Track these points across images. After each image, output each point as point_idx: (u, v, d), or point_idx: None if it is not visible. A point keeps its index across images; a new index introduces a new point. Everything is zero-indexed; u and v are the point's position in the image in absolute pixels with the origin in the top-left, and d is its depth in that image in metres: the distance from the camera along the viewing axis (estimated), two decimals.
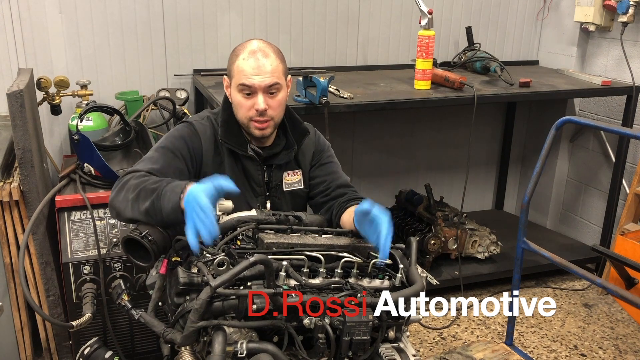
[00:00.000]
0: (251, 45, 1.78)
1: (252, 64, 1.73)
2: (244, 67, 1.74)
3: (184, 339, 1.30)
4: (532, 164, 3.80)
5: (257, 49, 1.76)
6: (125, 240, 1.47)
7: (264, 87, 1.75)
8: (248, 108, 1.77)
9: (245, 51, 1.76)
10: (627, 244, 2.92)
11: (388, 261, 1.53)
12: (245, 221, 1.55)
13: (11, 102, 2.04)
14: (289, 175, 1.94)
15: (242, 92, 1.76)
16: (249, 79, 1.73)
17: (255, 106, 1.75)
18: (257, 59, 1.74)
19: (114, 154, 2.54)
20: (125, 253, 1.49)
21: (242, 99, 1.77)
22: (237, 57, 1.77)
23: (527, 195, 2.33)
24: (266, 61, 1.74)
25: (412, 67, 2.99)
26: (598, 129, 3.15)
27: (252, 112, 1.77)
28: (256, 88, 1.74)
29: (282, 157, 1.90)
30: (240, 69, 1.75)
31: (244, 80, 1.74)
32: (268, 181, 1.90)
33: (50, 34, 2.77)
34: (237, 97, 1.78)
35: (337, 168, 2.01)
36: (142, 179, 1.60)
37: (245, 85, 1.74)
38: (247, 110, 1.78)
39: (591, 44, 3.52)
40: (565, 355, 2.72)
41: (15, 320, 2.34)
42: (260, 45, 1.78)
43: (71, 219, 2.27)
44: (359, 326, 1.37)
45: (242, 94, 1.76)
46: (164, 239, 1.46)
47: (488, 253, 3.24)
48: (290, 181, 1.94)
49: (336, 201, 1.90)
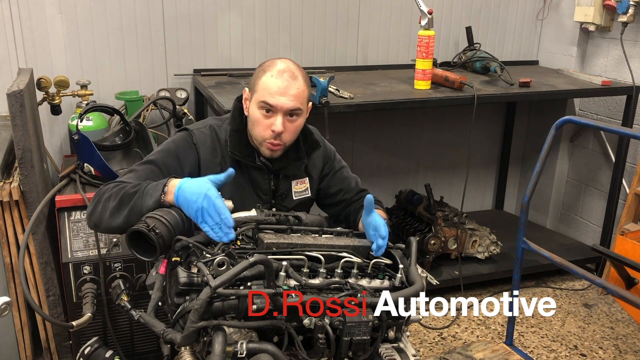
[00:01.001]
0: (281, 64, 1.74)
1: (279, 84, 1.70)
2: (269, 84, 1.71)
3: (184, 339, 1.30)
4: (532, 164, 3.80)
5: (287, 69, 1.72)
6: (131, 232, 1.45)
7: (285, 110, 1.72)
8: (265, 127, 1.74)
9: (275, 69, 1.72)
10: (627, 244, 2.92)
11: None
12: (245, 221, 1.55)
13: (11, 102, 2.04)
14: (297, 184, 1.93)
15: (262, 109, 1.73)
16: (273, 98, 1.70)
17: (273, 127, 1.72)
18: (285, 79, 1.71)
19: (114, 154, 2.54)
20: (128, 246, 1.47)
21: (261, 116, 1.73)
22: (265, 73, 1.73)
23: (527, 195, 2.33)
24: (293, 84, 1.71)
25: (412, 67, 2.99)
26: (598, 129, 3.15)
27: (268, 133, 1.74)
28: (278, 109, 1.71)
29: (291, 169, 1.89)
30: (265, 86, 1.71)
31: (268, 98, 1.70)
32: (275, 189, 1.89)
33: (50, 34, 2.77)
34: (256, 114, 1.74)
35: (348, 172, 2.05)
36: (119, 187, 1.62)
37: (268, 104, 1.71)
38: (263, 130, 1.75)
39: (591, 44, 3.52)
40: (565, 355, 2.72)
41: (15, 320, 2.34)
42: (291, 67, 1.74)
43: (71, 219, 2.27)
44: (359, 326, 1.37)
45: (262, 111, 1.73)
46: (170, 235, 1.45)
47: (488, 253, 3.24)
48: (299, 189, 1.93)
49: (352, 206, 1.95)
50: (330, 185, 2.00)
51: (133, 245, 1.46)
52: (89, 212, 1.65)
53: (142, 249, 1.47)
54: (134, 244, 1.46)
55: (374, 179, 3.65)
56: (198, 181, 1.54)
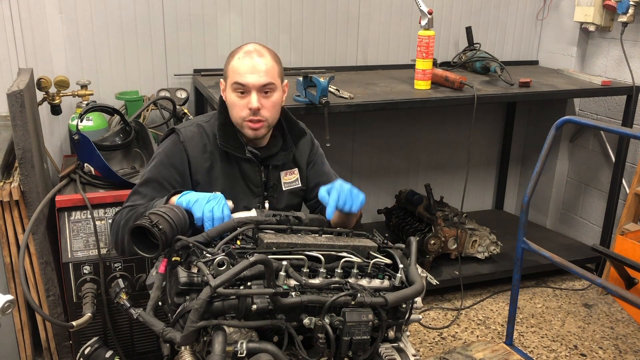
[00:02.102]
0: (247, 46, 1.80)
1: (247, 63, 1.75)
2: (238, 66, 1.76)
3: (184, 338, 1.30)
4: (532, 164, 3.81)
5: (253, 49, 1.78)
6: (133, 228, 1.45)
7: (258, 87, 1.75)
8: (242, 107, 1.77)
9: (241, 51, 1.78)
10: (627, 244, 2.92)
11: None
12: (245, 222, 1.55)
13: (11, 102, 2.04)
14: (286, 175, 1.95)
15: (236, 91, 1.77)
16: (243, 77, 1.74)
17: (249, 105, 1.76)
18: (252, 58, 1.76)
19: (114, 154, 2.54)
20: (130, 242, 1.47)
21: (236, 98, 1.78)
22: (233, 57, 1.79)
23: (527, 195, 2.33)
24: (261, 60, 1.76)
25: (412, 67, 2.99)
26: (598, 129, 3.15)
27: (245, 112, 1.77)
28: (250, 87, 1.75)
29: (280, 158, 1.91)
30: (234, 69, 1.76)
31: (238, 78, 1.75)
32: (266, 181, 1.90)
33: (50, 34, 2.77)
34: (232, 97, 1.79)
35: (328, 167, 2.07)
36: (132, 211, 1.70)
37: (239, 84, 1.75)
38: (240, 110, 1.78)
39: (591, 44, 3.53)
40: (565, 355, 2.72)
41: (15, 320, 2.34)
42: (256, 47, 1.80)
43: (71, 219, 2.27)
44: (359, 326, 1.37)
45: (236, 93, 1.77)
46: (173, 232, 1.45)
47: (488, 253, 3.24)
48: (289, 180, 1.96)
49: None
50: (309, 178, 2.02)
51: (135, 242, 1.46)
52: (113, 243, 1.75)
53: (144, 245, 1.47)
54: (136, 240, 1.46)
55: (374, 179, 3.65)
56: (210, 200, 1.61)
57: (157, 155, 1.84)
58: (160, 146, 1.87)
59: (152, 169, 1.81)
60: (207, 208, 1.55)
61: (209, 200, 1.57)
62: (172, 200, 1.63)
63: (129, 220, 1.68)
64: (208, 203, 1.57)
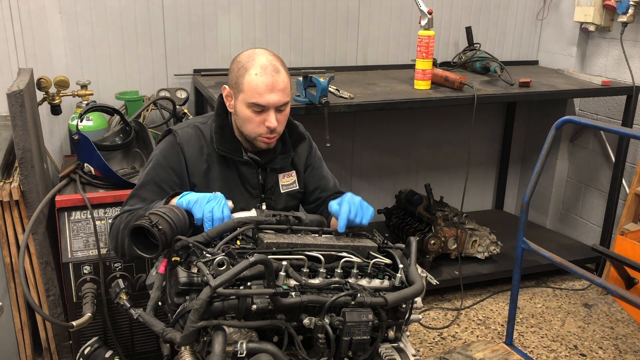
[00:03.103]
0: (261, 58, 1.73)
1: (266, 82, 1.70)
2: (257, 84, 1.70)
3: (184, 338, 1.30)
4: (532, 164, 3.81)
5: (268, 63, 1.72)
6: (133, 228, 1.45)
7: (277, 106, 1.74)
8: (258, 124, 1.75)
9: (256, 65, 1.72)
10: (627, 244, 2.92)
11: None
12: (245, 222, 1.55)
13: (11, 102, 2.04)
14: (284, 177, 1.95)
15: (251, 107, 1.73)
16: (263, 98, 1.71)
17: (267, 123, 1.74)
18: (271, 75, 1.71)
19: (114, 154, 2.54)
20: (130, 243, 1.47)
21: (252, 114, 1.74)
22: (247, 71, 1.72)
23: (527, 195, 2.33)
24: (278, 78, 1.72)
25: (412, 67, 2.99)
26: (598, 129, 3.15)
27: (262, 129, 1.76)
28: (270, 107, 1.73)
29: (278, 162, 1.91)
30: (253, 87, 1.71)
31: (258, 99, 1.71)
32: (263, 183, 1.90)
33: (50, 34, 2.77)
34: (246, 113, 1.75)
35: (327, 171, 2.07)
36: (131, 215, 1.70)
37: (259, 105, 1.72)
38: (257, 127, 1.76)
39: (591, 44, 3.53)
40: (565, 355, 2.72)
41: (15, 320, 2.34)
42: (270, 59, 1.74)
43: (71, 219, 2.27)
44: (359, 326, 1.37)
45: (252, 109, 1.74)
46: (172, 232, 1.45)
47: (488, 253, 3.24)
48: (286, 183, 1.95)
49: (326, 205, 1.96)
50: (308, 182, 2.01)
51: (135, 242, 1.46)
52: (113, 247, 1.74)
53: (143, 245, 1.47)
54: (136, 240, 1.46)
55: (374, 179, 3.65)
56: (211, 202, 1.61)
57: (154, 157, 1.83)
58: (157, 148, 1.86)
59: (150, 171, 1.80)
60: (207, 208, 1.55)
61: (209, 200, 1.57)
62: (171, 202, 1.63)
63: (129, 223, 1.67)
64: (208, 203, 1.56)
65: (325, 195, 2.02)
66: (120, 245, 1.71)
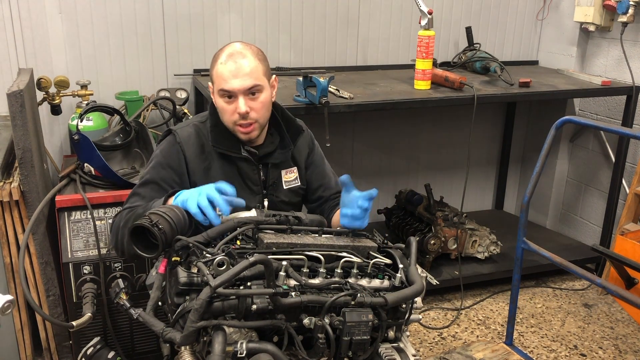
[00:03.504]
0: (229, 48, 1.78)
1: (230, 68, 1.73)
2: (222, 71, 1.74)
3: (184, 338, 1.30)
4: (532, 164, 3.81)
5: (234, 51, 1.76)
6: (133, 228, 1.44)
7: (243, 90, 1.74)
8: (231, 112, 1.77)
9: (223, 55, 1.76)
10: (627, 244, 2.92)
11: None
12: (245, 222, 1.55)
13: (11, 102, 2.04)
14: (287, 174, 1.95)
15: (223, 97, 1.77)
16: (228, 83, 1.73)
17: (237, 110, 1.75)
18: (235, 61, 1.74)
19: (114, 154, 2.54)
20: (130, 242, 1.47)
21: (225, 104, 1.77)
22: (216, 61, 1.77)
23: (527, 195, 2.33)
24: (243, 62, 1.74)
25: (412, 67, 2.99)
26: (598, 129, 3.15)
27: (235, 117, 1.77)
28: (236, 92, 1.74)
29: (278, 156, 1.91)
30: (219, 74, 1.75)
31: (223, 85, 1.74)
32: (265, 179, 1.90)
33: (50, 34, 2.77)
34: (220, 103, 1.78)
35: (329, 168, 2.07)
36: (131, 212, 1.70)
37: (225, 91, 1.74)
38: (230, 115, 1.78)
39: (591, 44, 3.53)
40: (565, 355, 2.72)
41: (15, 320, 2.34)
42: (238, 48, 1.77)
43: (71, 219, 2.28)
44: (359, 326, 1.37)
45: (224, 99, 1.77)
46: (173, 232, 1.45)
47: (488, 253, 3.24)
48: (289, 179, 1.96)
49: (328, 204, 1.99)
50: (311, 180, 2.02)
51: (135, 242, 1.46)
52: (113, 244, 1.75)
53: (143, 245, 1.47)
54: (136, 240, 1.46)
55: (374, 179, 3.65)
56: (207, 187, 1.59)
57: (155, 157, 1.85)
58: (158, 148, 1.87)
59: (150, 170, 1.81)
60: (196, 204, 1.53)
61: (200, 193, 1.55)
62: (169, 201, 1.63)
63: (128, 221, 1.68)
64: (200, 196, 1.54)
65: (328, 194, 2.02)
66: (120, 243, 1.71)
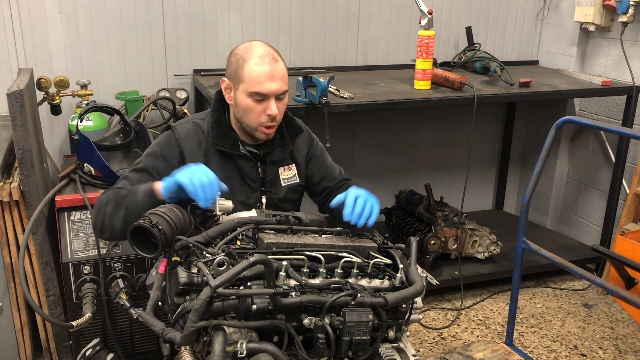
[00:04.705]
0: (257, 49, 1.77)
1: (265, 70, 1.73)
2: (258, 73, 1.73)
3: (184, 338, 1.30)
4: (532, 164, 3.81)
5: (267, 53, 1.76)
6: (133, 228, 1.45)
7: (278, 94, 1.76)
8: (259, 113, 1.77)
9: (255, 55, 1.75)
10: (627, 244, 2.92)
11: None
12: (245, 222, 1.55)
13: (11, 102, 2.04)
14: (284, 171, 1.96)
15: (252, 97, 1.75)
16: (264, 86, 1.73)
17: (268, 111, 1.76)
18: (269, 64, 1.74)
19: (114, 154, 2.54)
20: (130, 243, 1.47)
21: (253, 103, 1.76)
22: (246, 61, 1.75)
23: (527, 195, 2.33)
24: (277, 66, 1.75)
25: (412, 67, 2.99)
26: (598, 129, 3.15)
27: (263, 118, 1.78)
28: (270, 95, 1.75)
29: (276, 154, 1.92)
30: (253, 76, 1.73)
31: (258, 88, 1.73)
32: (263, 177, 1.91)
33: (50, 34, 2.77)
34: (247, 102, 1.76)
35: (330, 160, 2.08)
36: (115, 192, 1.71)
37: (259, 93, 1.74)
38: (258, 116, 1.78)
39: (591, 44, 3.52)
40: (565, 355, 2.72)
41: (15, 320, 2.34)
42: (267, 49, 1.78)
43: (71, 219, 2.28)
44: (359, 326, 1.37)
45: (252, 98, 1.76)
46: (172, 232, 1.46)
47: (488, 253, 3.24)
48: (287, 176, 1.96)
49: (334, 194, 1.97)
50: (313, 173, 2.03)
51: (135, 242, 1.46)
52: (93, 222, 1.73)
53: (144, 245, 1.47)
54: (136, 240, 1.46)
55: (374, 179, 3.65)
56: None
57: (152, 147, 1.86)
58: (156, 140, 1.90)
59: (144, 158, 1.83)
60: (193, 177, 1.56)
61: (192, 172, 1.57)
62: (157, 185, 1.63)
63: (110, 201, 1.68)
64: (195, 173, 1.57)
65: (332, 184, 2.03)
66: (101, 222, 1.69)
